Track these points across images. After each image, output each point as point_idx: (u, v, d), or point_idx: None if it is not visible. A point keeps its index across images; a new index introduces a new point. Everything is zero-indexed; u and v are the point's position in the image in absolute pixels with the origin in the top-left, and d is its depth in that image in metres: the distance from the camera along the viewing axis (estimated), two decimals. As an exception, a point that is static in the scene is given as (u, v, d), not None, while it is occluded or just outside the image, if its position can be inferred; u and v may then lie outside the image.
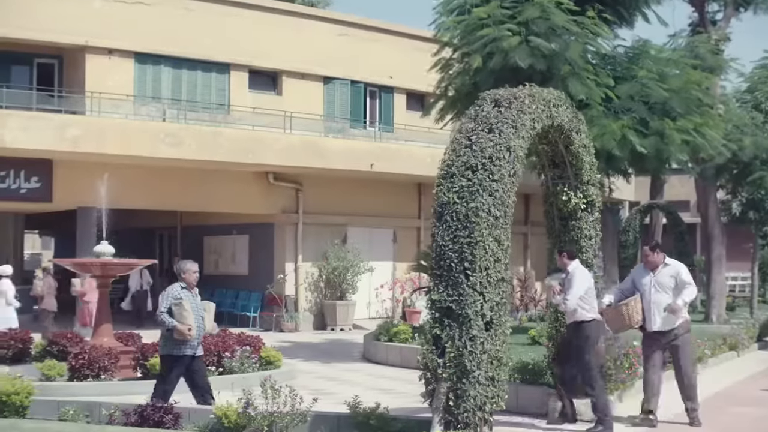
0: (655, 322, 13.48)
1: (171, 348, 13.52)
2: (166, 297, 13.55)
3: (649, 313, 13.48)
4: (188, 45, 31.80)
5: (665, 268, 13.58)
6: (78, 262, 21.69)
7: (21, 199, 29.06)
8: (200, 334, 13.74)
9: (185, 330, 13.26)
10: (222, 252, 35.81)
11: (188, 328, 13.29)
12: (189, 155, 28.77)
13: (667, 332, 13.54)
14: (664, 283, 13.46)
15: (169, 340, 13.50)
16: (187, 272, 13.91)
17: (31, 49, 30.77)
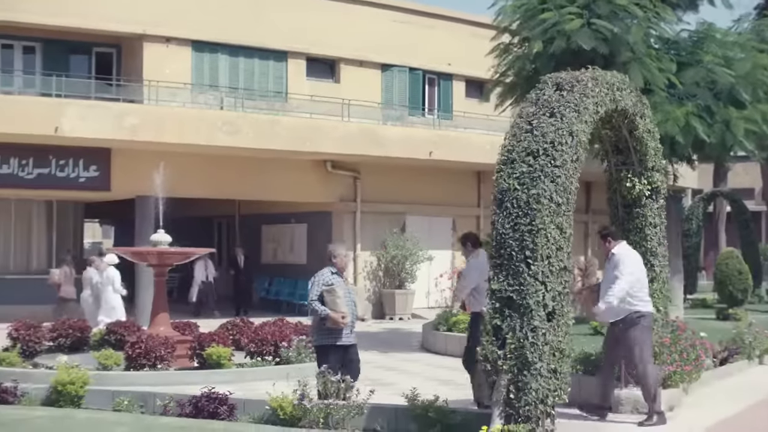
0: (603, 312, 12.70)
1: (324, 338, 12.57)
2: (316, 284, 12.60)
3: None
4: (245, 33, 31.68)
5: (612, 257, 12.78)
6: (135, 251, 21.65)
7: (80, 188, 29.14)
8: (353, 321, 12.76)
9: (339, 318, 12.30)
10: (280, 241, 35.68)
11: (342, 315, 12.35)
12: (246, 143, 28.64)
13: (614, 323, 12.77)
14: (608, 275, 12.76)
15: (322, 329, 12.56)
16: (339, 256, 12.87)
17: (89, 38, 30.87)
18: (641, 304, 12.57)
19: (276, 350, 18.21)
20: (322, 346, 12.61)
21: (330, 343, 12.49)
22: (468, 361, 13.38)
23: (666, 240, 13.99)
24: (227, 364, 17.42)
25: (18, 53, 30.87)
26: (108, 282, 23.26)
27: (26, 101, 27.64)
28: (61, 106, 26.81)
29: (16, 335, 19.24)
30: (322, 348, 12.59)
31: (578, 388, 13.04)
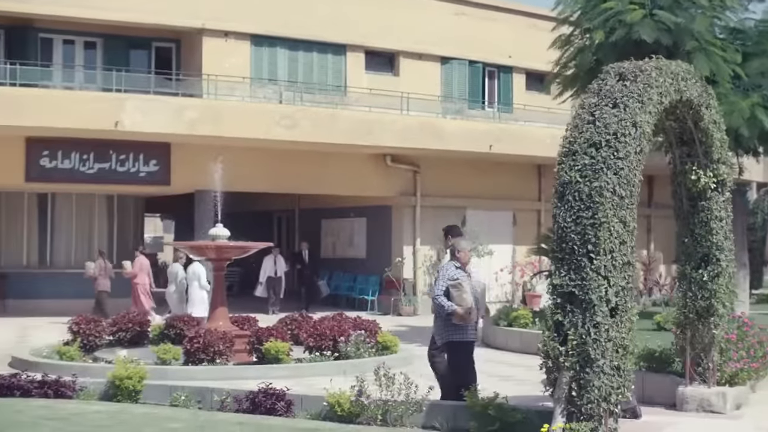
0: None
1: (452, 334, 12.25)
2: (441, 279, 12.21)
3: None
4: (304, 26, 31.61)
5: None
6: (193, 245, 21.65)
7: (140, 182, 29.32)
8: (479, 316, 12.50)
9: (466, 314, 12.01)
10: (339, 235, 35.60)
11: (468, 311, 12.04)
12: (305, 137, 28.61)
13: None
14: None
15: (449, 325, 12.22)
16: (463, 251, 12.54)
17: (149, 33, 31.06)
18: None
19: (335, 345, 18.08)
20: (453, 342, 12.30)
21: (459, 339, 12.23)
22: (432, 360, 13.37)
23: (732, 234, 13.64)
24: (285, 359, 17.34)
25: (79, 49, 31.09)
26: (194, 277, 23.48)
27: (87, 96, 27.76)
28: (121, 101, 26.93)
29: (76, 329, 19.28)
30: (453, 344, 12.30)
31: (642, 386, 12.76)
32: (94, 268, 26.97)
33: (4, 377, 13.33)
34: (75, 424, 11.06)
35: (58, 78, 30.22)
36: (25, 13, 29.30)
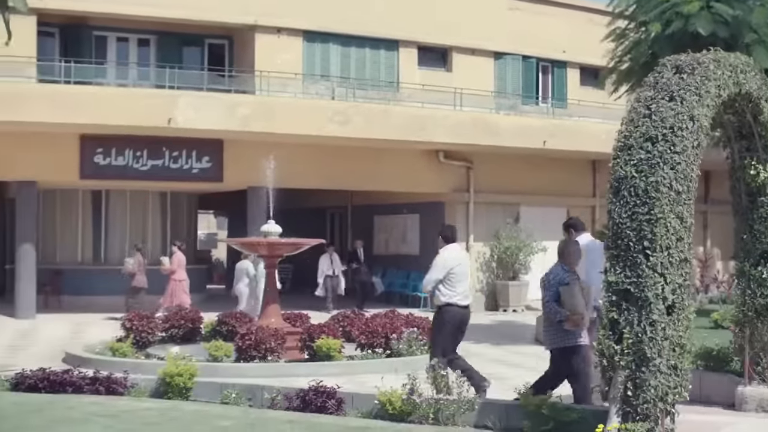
0: None
1: (564, 339, 11.81)
2: (551, 283, 11.81)
3: None
4: (357, 22, 31.51)
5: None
6: (245, 242, 21.67)
7: (193, 179, 29.40)
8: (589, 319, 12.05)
9: (579, 318, 11.61)
10: (392, 231, 35.46)
11: (581, 316, 11.63)
12: (357, 133, 28.53)
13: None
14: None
15: (559, 330, 11.77)
16: (572, 254, 12.12)
17: (202, 30, 31.15)
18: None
19: (387, 343, 17.97)
20: (564, 348, 11.87)
21: (571, 344, 11.85)
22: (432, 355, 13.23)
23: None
24: (337, 357, 17.25)
25: (133, 46, 31.24)
26: (242, 273, 23.38)
27: (140, 93, 27.92)
28: (174, 98, 27.02)
29: (129, 326, 19.32)
30: (563, 350, 11.87)
31: (699, 385, 12.50)
32: (132, 264, 27.15)
33: (56, 373, 13.35)
34: (125, 421, 11.03)
35: (112, 75, 30.40)
36: (79, 11, 29.50)
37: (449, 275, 13.25)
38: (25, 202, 28.37)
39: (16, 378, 13.50)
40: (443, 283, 13.25)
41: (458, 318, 13.41)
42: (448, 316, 13.35)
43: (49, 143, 27.51)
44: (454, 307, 13.30)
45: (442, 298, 13.30)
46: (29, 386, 13.28)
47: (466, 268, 13.70)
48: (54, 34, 30.20)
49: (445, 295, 13.27)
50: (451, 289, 13.28)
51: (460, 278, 13.36)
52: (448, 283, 13.26)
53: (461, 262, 13.50)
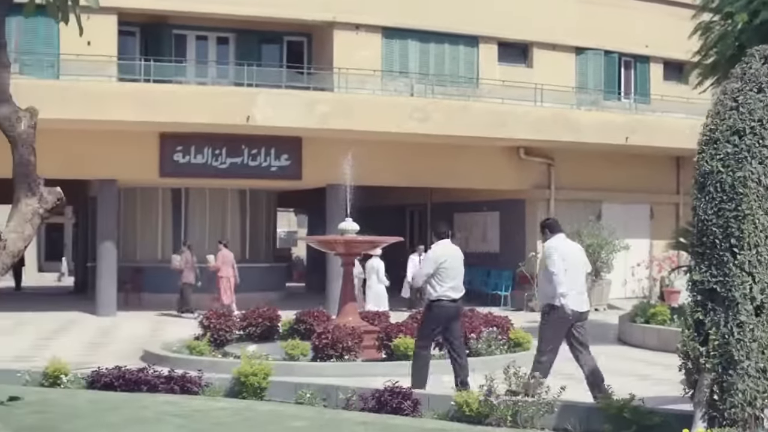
0: None
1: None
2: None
3: None
4: (436, 18, 31.22)
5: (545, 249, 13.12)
6: (322, 240, 21.56)
7: (272, 176, 29.45)
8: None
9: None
10: (472, 229, 35.15)
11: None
12: (437, 130, 28.33)
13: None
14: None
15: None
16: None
17: (281, 27, 31.09)
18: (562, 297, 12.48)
19: (465, 342, 17.62)
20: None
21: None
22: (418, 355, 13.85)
23: None
24: (415, 356, 16.96)
25: (212, 44, 31.30)
26: (372, 272, 23.67)
27: (219, 91, 28.03)
28: (253, 95, 27.05)
29: (207, 324, 19.26)
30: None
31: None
32: (179, 260, 27.50)
33: (132, 372, 13.28)
34: (198, 420, 10.90)
35: (192, 74, 30.46)
36: (159, 10, 29.61)
37: (439, 270, 13.42)
38: (106, 200, 28.61)
39: (92, 376, 13.47)
40: (434, 278, 13.45)
41: (448, 312, 13.65)
42: (438, 310, 13.60)
43: (129, 142, 27.72)
44: (444, 301, 13.52)
45: (432, 292, 13.53)
46: (105, 384, 13.23)
47: (458, 262, 13.75)
48: (135, 33, 30.38)
49: (435, 289, 13.48)
50: (441, 284, 13.46)
51: (450, 273, 13.51)
52: (438, 278, 13.45)
53: (449, 258, 13.59)
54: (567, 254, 12.76)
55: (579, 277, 12.89)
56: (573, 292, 12.60)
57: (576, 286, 12.73)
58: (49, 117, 25.07)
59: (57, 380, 13.55)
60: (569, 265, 12.65)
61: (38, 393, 12.79)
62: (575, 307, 12.60)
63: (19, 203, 8.90)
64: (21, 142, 8.94)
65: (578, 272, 12.89)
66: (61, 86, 26.36)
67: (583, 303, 12.88)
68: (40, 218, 8.98)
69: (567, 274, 12.54)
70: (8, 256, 8.68)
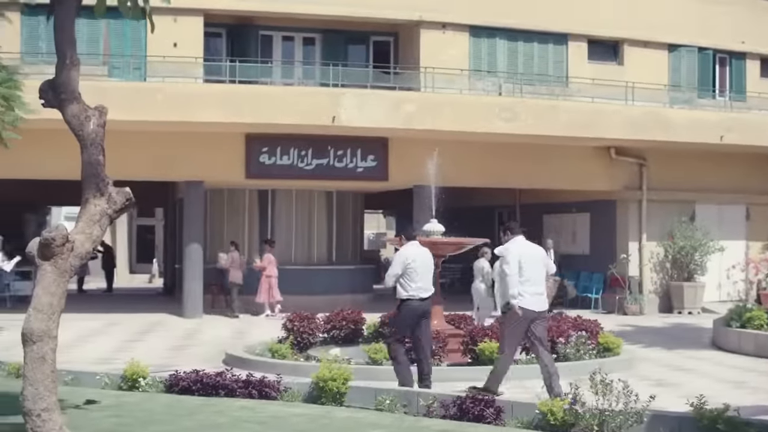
0: None
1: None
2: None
3: None
4: (524, 16, 30.67)
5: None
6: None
7: (358, 178, 29.28)
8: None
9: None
10: (562, 231, 34.52)
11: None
12: (525, 130, 27.88)
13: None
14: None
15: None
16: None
17: (367, 26, 30.85)
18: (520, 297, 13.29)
19: (553, 347, 17.17)
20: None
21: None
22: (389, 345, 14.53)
23: None
24: (500, 361, 16.54)
25: (298, 45, 31.16)
26: (479, 272, 23.35)
27: (304, 92, 27.91)
28: (338, 95, 26.84)
29: (290, 326, 19.04)
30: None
31: None
32: (225, 259, 27.74)
33: (209, 376, 13.09)
34: (273, 427, 10.62)
35: (278, 74, 30.34)
36: (246, 11, 29.51)
37: (407, 270, 13.95)
38: (192, 201, 28.62)
39: (170, 380, 13.33)
40: (402, 278, 13.99)
41: (417, 310, 14.11)
42: (407, 309, 14.11)
43: (215, 143, 27.72)
44: (413, 300, 14.03)
45: (402, 292, 14.06)
46: (183, 388, 13.08)
47: (424, 263, 14.28)
48: (221, 35, 30.34)
49: (405, 289, 14.02)
50: (409, 283, 13.99)
51: (418, 273, 14.02)
52: (406, 278, 13.98)
53: (417, 258, 14.12)
54: (524, 256, 13.48)
55: (536, 279, 13.55)
56: (529, 292, 13.36)
57: (533, 287, 13.43)
58: (136, 119, 25.52)
59: (135, 383, 13.44)
60: (526, 266, 13.37)
61: (115, 396, 12.68)
62: (532, 307, 13.37)
63: (87, 204, 8.68)
64: (89, 141, 8.71)
65: (536, 274, 13.53)
66: (148, 88, 26.40)
67: (541, 303, 13.59)
68: (109, 219, 8.75)
69: (523, 276, 13.32)
70: (76, 258, 8.45)
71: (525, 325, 13.48)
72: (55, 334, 8.33)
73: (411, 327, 14.17)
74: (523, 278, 13.33)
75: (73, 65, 8.90)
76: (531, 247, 13.92)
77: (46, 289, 8.33)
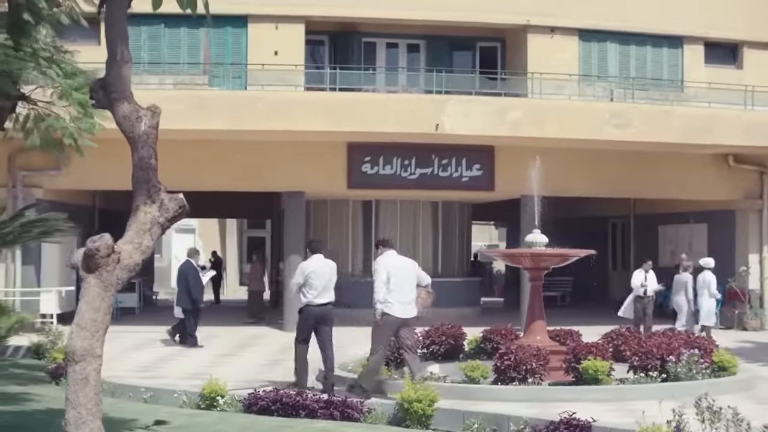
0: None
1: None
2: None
3: None
4: (636, 19, 29.50)
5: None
6: (507, 253, 20.45)
7: (463, 187, 28.63)
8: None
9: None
10: (678, 242, 33.22)
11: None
12: (637, 137, 26.77)
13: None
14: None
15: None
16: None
17: (473, 32, 30.29)
18: (388, 305, 14.98)
19: (663, 365, 16.09)
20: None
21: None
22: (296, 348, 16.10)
23: None
24: (605, 380, 15.52)
25: (402, 51, 30.57)
26: (704, 286, 23.00)
27: (406, 99, 27.25)
28: (441, 102, 26.15)
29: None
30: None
31: None
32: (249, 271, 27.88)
33: (289, 395, 12.41)
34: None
35: (381, 81, 29.72)
36: (349, 17, 29.02)
37: (308, 280, 15.65)
38: (294, 212, 28.15)
39: (249, 399, 12.68)
40: (303, 287, 15.70)
41: (316, 314, 15.81)
42: (307, 314, 15.91)
43: (316, 152, 27.24)
44: (311, 306, 15.75)
45: (303, 299, 15.84)
46: (262, 408, 12.44)
47: (324, 273, 15.84)
48: (323, 42, 29.87)
49: (305, 296, 15.74)
50: (309, 292, 15.67)
51: (317, 282, 15.65)
52: (307, 287, 15.68)
53: (316, 269, 15.76)
54: (393, 268, 15.15)
55: (405, 289, 15.16)
56: (398, 301, 15.02)
57: (401, 296, 15.06)
58: (235, 128, 25.12)
59: (213, 402, 12.85)
60: (395, 278, 15.02)
61: (189, 416, 12.07)
62: (398, 314, 15.02)
63: (137, 212, 8.03)
64: (141, 143, 8.06)
65: (404, 284, 15.15)
66: (248, 96, 26.03)
67: (408, 311, 15.19)
68: (161, 228, 8.07)
69: (392, 286, 14.95)
70: (123, 270, 7.79)
71: (392, 329, 15.14)
72: (99, 353, 7.68)
73: (311, 329, 15.80)
74: (391, 288, 14.94)
75: (124, 62, 8.26)
76: (401, 260, 15.61)
77: (90, 304, 7.69)
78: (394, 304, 14.95)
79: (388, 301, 14.92)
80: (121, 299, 30.62)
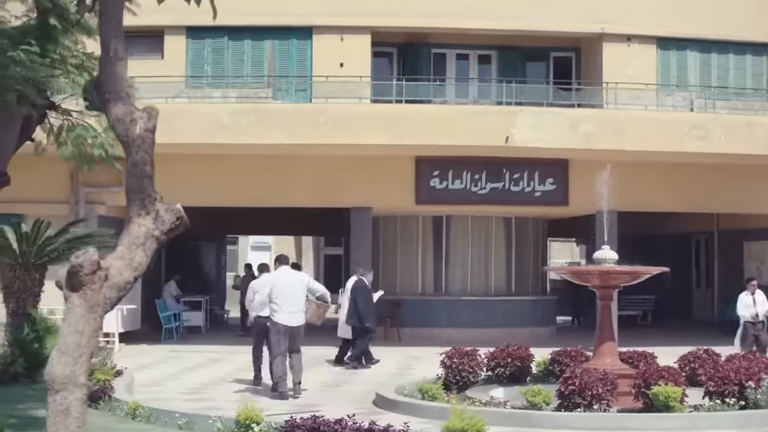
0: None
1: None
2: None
3: None
4: (717, 25, 28.24)
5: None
6: (574, 271, 19.35)
7: (536, 203, 27.74)
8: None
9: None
10: (764, 258, 31.78)
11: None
12: (719, 149, 25.52)
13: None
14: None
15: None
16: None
17: (546, 42, 29.42)
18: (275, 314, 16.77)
19: (741, 391, 14.91)
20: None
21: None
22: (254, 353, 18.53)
23: None
24: (677, 407, 14.37)
25: (473, 62, 29.71)
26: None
27: (475, 111, 26.51)
28: (511, 114, 25.21)
29: (448, 363, 17.34)
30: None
31: None
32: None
33: (327, 423, 11.49)
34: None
35: (451, 94, 28.84)
36: (418, 27, 28.20)
37: (272, 292, 16.92)
38: (359, 229, 27.41)
39: (285, 426, 11.81)
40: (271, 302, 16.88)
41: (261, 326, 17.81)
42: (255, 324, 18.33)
43: (383, 167, 26.56)
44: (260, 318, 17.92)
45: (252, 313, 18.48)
46: (299, 436, 11.54)
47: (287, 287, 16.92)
48: (391, 54, 29.14)
49: (272, 310, 16.92)
50: (273, 304, 16.84)
51: (280, 296, 16.77)
52: (271, 299, 16.88)
53: (278, 284, 16.96)
54: (281, 282, 16.90)
55: (293, 299, 16.72)
56: (284, 310, 16.64)
57: (287, 306, 16.66)
58: (297, 142, 24.42)
59: (248, 429, 11.99)
60: (283, 290, 16.72)
61: (221, 444, 11.25)
62: (284, 322, 16.61)
63: (130, 224, 7.22)
64: (135, 148, 7.27)
65: (292, 295, 16.72)
66: (310, 109, 25.36)
67: (295, 320, 16.75)
68: (156, 242, 7.26)
69: (279, 297, 16.68)
70: (112, 289, 6.98)
71: (284, 335, 16.64)
72: (82, 381, 6.89)
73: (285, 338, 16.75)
74: (278, 299, 16.64)
75: (118, 59, 7.48)
76: (292, 275, 17.29)
77: (73, 327, 6.90)
78: (280, 313, 16.64)
79: (275, 310, 16.69)
80: (187, 318, 30.18)
